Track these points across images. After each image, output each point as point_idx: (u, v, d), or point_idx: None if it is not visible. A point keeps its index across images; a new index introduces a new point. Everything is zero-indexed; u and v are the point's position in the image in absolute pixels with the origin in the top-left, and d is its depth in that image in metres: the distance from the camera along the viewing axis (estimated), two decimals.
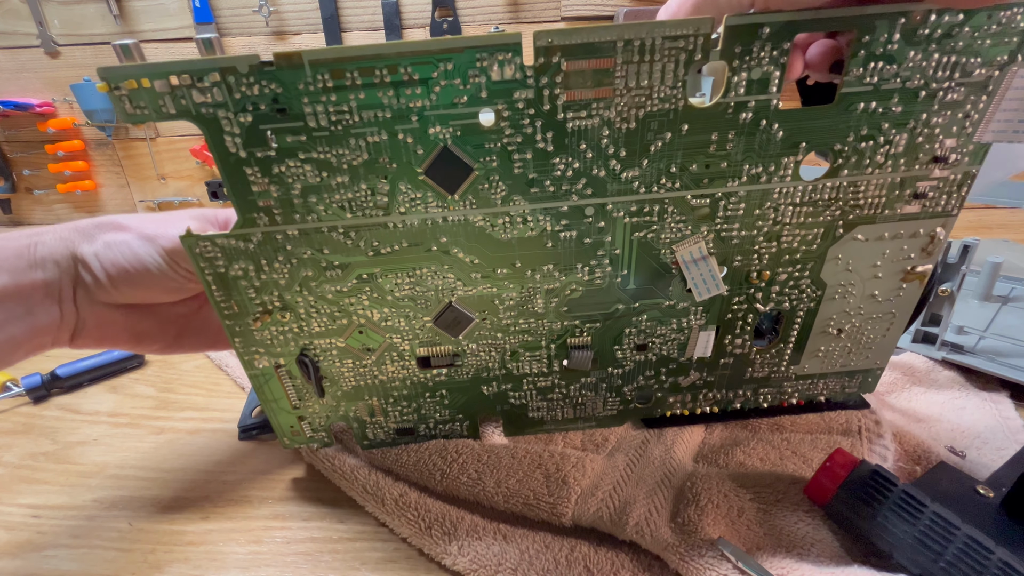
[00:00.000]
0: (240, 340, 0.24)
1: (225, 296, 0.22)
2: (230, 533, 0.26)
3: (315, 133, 0.19)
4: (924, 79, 0.19)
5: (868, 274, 0.24)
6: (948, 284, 0.34)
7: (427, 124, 0.19)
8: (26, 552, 0.26)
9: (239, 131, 0.19)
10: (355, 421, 0.28)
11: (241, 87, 0.18)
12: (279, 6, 0.84)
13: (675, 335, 0.25)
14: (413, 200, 0.21)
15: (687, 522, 0.23)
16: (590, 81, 0.18)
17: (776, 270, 0.23)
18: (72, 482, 0.30)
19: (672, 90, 0.19)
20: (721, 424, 0.30)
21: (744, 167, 0.21)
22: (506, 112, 0.19)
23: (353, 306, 0.23)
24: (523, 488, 0.25)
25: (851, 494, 0.21)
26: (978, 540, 0.19)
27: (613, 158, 0.20)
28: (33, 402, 0.38)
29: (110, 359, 0.40)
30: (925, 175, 0.21)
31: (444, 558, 0.23)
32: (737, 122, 0.19)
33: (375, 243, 0.22)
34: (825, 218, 0.22)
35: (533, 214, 0.21)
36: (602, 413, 0.28)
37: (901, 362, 0.35)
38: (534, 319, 0.24)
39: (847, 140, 0.20)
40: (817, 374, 0.27)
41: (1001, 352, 0.35)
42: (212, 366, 0.41)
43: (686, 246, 0.22)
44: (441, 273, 0.23)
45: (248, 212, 0.20)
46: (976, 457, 0.28)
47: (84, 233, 0.25)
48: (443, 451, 0.27)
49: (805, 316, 0.25)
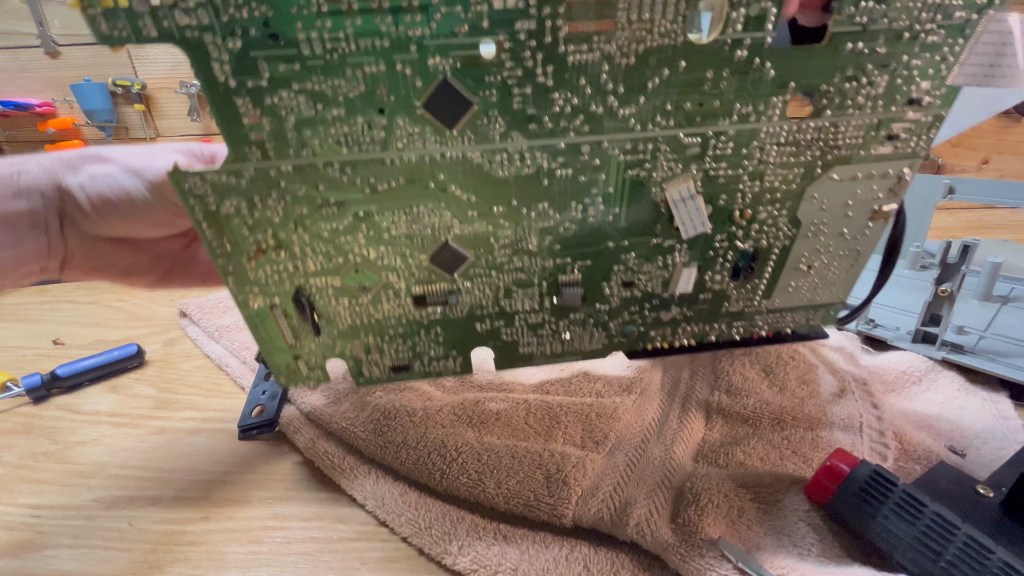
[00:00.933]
0: (233, 279, 0.23)
1: (216, 234, 0.22)
2: (230, 533, 0.26)
3: (309, 62, 0.18)
4: (909, 20, 0.19)
5: (840, 213, 0.25)
6: (948, 284, 0.34)
7: (426, 55, 0.18)
8: (26, 552, 0.26)
9: (228, 58, 0.18)
10: (351, 359, 0.27)
11: (229, 8, 0.17)
12: None
13: (660, 272, 0.26)
14: (411, 135, 0.20)
15: (687, 522, 0.23)
16: (592, 13, 0.18)
17: (757, 209, 0.24)
18: (72, 482, 0.30)
19: (672, 24, 0.19)
20: (721, 421, 0.30)
21: (735, 106, 0.21)
22: (507, 44, 0.18)
23: (349, 244, 0.23)
24: (524, 489, 0.25)
25: (851, 494, 0.21)
26: (978, 540, 0.19)
27: (611, 94, 0.20)
28: (33, 402, 0.38)
29: (110, 359, 0.40)
30: (900, 116, 0.22)
31: (444, 558, 0.23)
32: (732, 60, 0.20)
33: (372, 180, 0.21)
34: (806, 158, 0.23)
35: (531, 151, 0.21)
36: (588, 348, 0.29)
37: (901, 362, 0.35)
38: (528, 257, 0.25)
39: (833, 81, 0.21)
40: (786, 308, 0.28)
41: (1001, 352, 0.35)
42: (212, 366, 0.41)
43: (676, 185, 0.22)
44: (438, 211, 0.22)
45: (239, 146, 0.19)
46: (976, 457, 0.28)
47: (68, 164, 0.24)
48: (443, 450, 0.27)
49: (780, 253, 0.26)
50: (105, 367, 0.40)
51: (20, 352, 0.46)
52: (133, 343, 0.42)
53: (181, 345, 0.45)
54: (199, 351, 0.44)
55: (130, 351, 0.41)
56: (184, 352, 0.44)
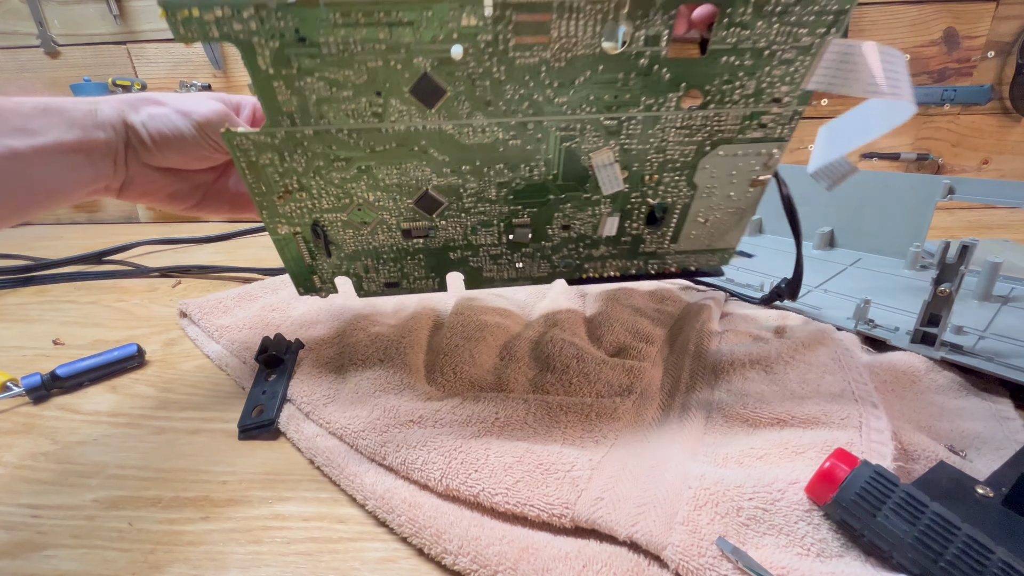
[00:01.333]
0: (267, 212, 0.31)
1: (255, 178, 0.29)
2: (230, 533, 0.26)
3: (327, 58, 0.24)
4: (768, 42, 0.26)
5: (726, 180, 0.32)
6: (947, 284, 0.34)
7: (413, 55, 0.25)
8: (26, 552, 0.26)
9: (269, 53, 0.24)
10: (354, 276, 0.36)
11: (271, 19, 0.23)
12: None
13: (590, 219, 0.33)
14: (401, 112, 0.27)
15: (687, 522, 0.23)
16: (532, 31, 0.24)
17: (663, 174, 0.31)
18: (72, 482, 0.30)
19: (592, 39, 0.25)
20: (721, 420, 0.30)
21: (641, 98, 0.27)
22: (471, 49, 0.25)
23: (354, 189, 0.30)
24: (523, 488, 0.25)
25: (851, 494, 0.21)
26: (978, 540, 0.19)
27: (549, 88, 0.26)
28: (33, 402, 0.38)
29: (110, 359, 0.40)
30: (767, 111, 0.29)
31: (444, 558, 0.23)
32: (637, 65, 0.26)
33: (371, 143, 0.28)
34: (697, 138, 0.30)
35: (490, 126, 0.28)
36: (536, 275, 0.37)
37: (901, 362, 0.35)
38: (488, 204, 0.32)
39: (714, 83, 0.27)
40: (690, 251, 0.37)
41: (1001, 352, 0.35)
42: (212, 366, 0.41)
43: (598, 155, 0.29)
44: (420, 167, 0.29)
45: (275, 115, 0.26)
46: (976, 457, 0.28)
47: (131, 105, 0.30)
48: (443, 450, 0.27)
49: (682, 209, 0.34)
50: (105, 367, 0.40)
51: (20, 352, 0.46)
52: (133, 343, 0.42)
53: (181, 345, 0.45)
54: (199, 351, 0.44)
55: (130, 351, 0.41)
56: (184, 352, 0.44)
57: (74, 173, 0.29)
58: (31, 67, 0.90)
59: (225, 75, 0.89)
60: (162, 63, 0.89)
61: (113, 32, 0.86)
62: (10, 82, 0.91)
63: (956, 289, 0.33)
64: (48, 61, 0.90)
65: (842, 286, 0.48)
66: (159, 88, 0.90)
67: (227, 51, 0.87)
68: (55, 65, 0.90)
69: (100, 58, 0.89)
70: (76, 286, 0.61)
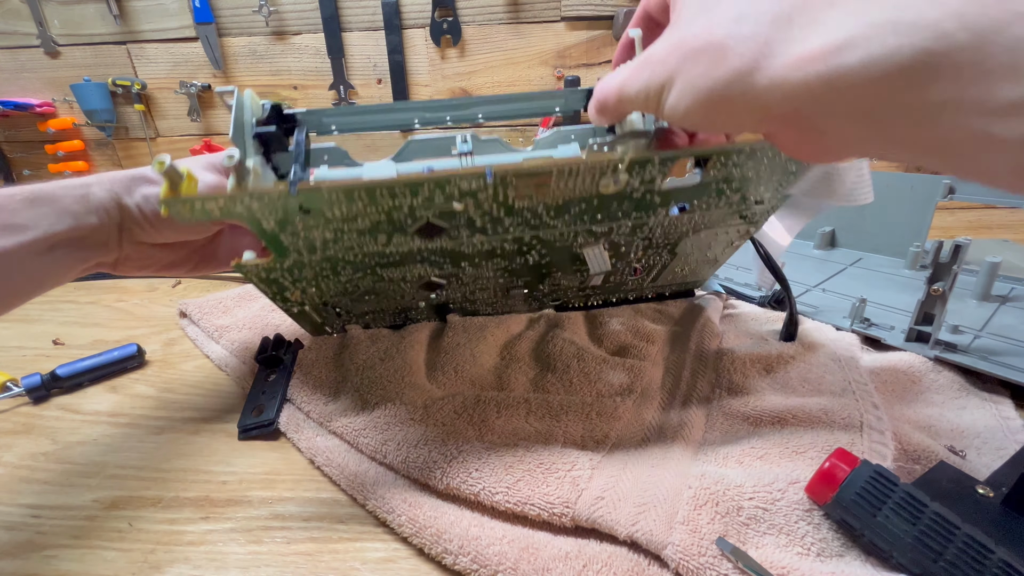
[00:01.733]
0: (281, 302, 0.35)
1: (268, 287, 0.32)
2: (230, 533, 0.26)
3: (331, 221, 0.26)
4: (756, 173, 0.29)
5: (705, 247, 0.37)
6: (940, 283, 0.34)
7: (415, 212, 0.26)
8: (26, 552, 0.26)
9: (273, 223, 0.26)
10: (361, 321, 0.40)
11: (275, 202, 0.24)
12: (279, 6, 0.84)
13: (578, 280, 0.38)
14: (402, 242, 0.29)
15: (687, 521, 0.23)
16: (533, 190, 0.26)
17: (648, 253, 0.36)
18: (72, 482, 0.30)
19: (590, 188, 0.27)
20: (722, 420, 0.30)
21: (632, 214, 0.30)
22: (472, 203, 0.26)
23: (360, 281, 0.33)
24: (524, 488, 0.25)
25: (852, 494, 0.21)
26: (978, 540, 0.19)
27: (545, 215, 0.29)
28: (33, 402, 0.38)
29: (110, 359, 0.40)
30: (749, 209, 0.33)
31: (444, 558, 0.23)
32: (631, 196, 0.28)
33: (374, 262, 0.31)
34: (682, 229, 0.34)
35: (487, 240, 0.30)
36: (526, 310, 0.42)
37: (901, 362, 0.35)
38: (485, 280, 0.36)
39: (702, 199, 0.30)
40: (666, 284, 0.43)
41: (997, 351, 0.35)
42: (212, 366, 0.41)
43: (589, 248, 0.33)
44: (423, 268, 0.33)
45: (283, 253, 0.28)
46: (976, 457, 0.28)
47: (124, 186, 0.30)
48: (443, 449, 0.27)
49: (662, 267, 0.39)
50: (105, 367, 0.40)
51: (20, 352, 0.46)
52: (133, 343, 0.42)
53: (181, 345, 0.45)
54: (199, 351, 0.44)
55: (130, 351, 0.41)
56: (184, 352, 0.44)
57: (66, 261, 0.29)
58: (31, 67, 0.90)
59: (225, 75, 0.89)
60: (162, 63, 0.89)
61: (113, 32, 0.86)
62: (10, 82, 0.91)
63: (950, 288, 0.33)
64: (48, 61, 0.90)
65: (841, 286, 0.48)
66: (159, 88, 0.90)
67: (227, 51, 0.87)
68: (55, 65, 0.90)
69: (100, 58, 0.89)
70: (76, 286, 0.61)
